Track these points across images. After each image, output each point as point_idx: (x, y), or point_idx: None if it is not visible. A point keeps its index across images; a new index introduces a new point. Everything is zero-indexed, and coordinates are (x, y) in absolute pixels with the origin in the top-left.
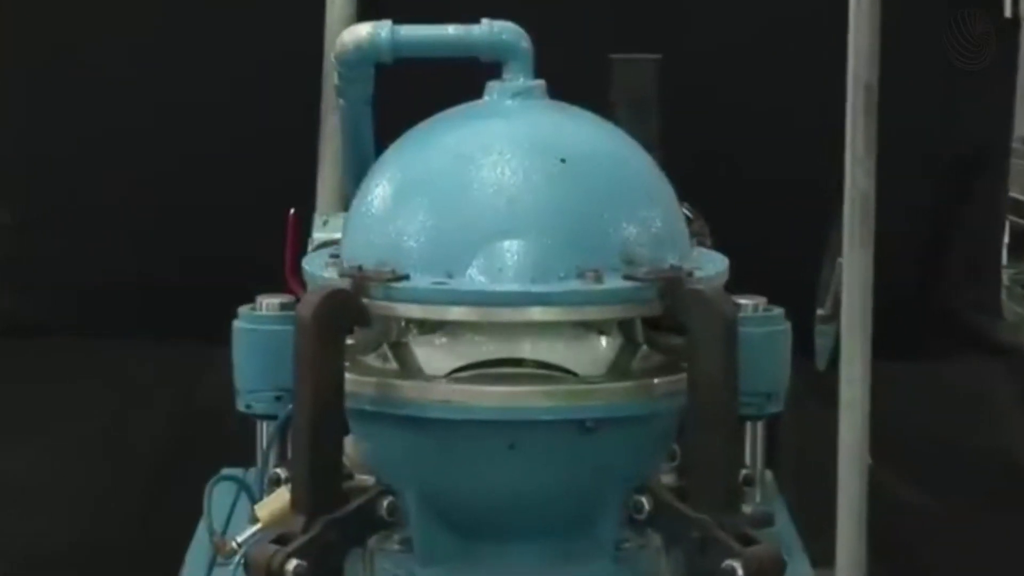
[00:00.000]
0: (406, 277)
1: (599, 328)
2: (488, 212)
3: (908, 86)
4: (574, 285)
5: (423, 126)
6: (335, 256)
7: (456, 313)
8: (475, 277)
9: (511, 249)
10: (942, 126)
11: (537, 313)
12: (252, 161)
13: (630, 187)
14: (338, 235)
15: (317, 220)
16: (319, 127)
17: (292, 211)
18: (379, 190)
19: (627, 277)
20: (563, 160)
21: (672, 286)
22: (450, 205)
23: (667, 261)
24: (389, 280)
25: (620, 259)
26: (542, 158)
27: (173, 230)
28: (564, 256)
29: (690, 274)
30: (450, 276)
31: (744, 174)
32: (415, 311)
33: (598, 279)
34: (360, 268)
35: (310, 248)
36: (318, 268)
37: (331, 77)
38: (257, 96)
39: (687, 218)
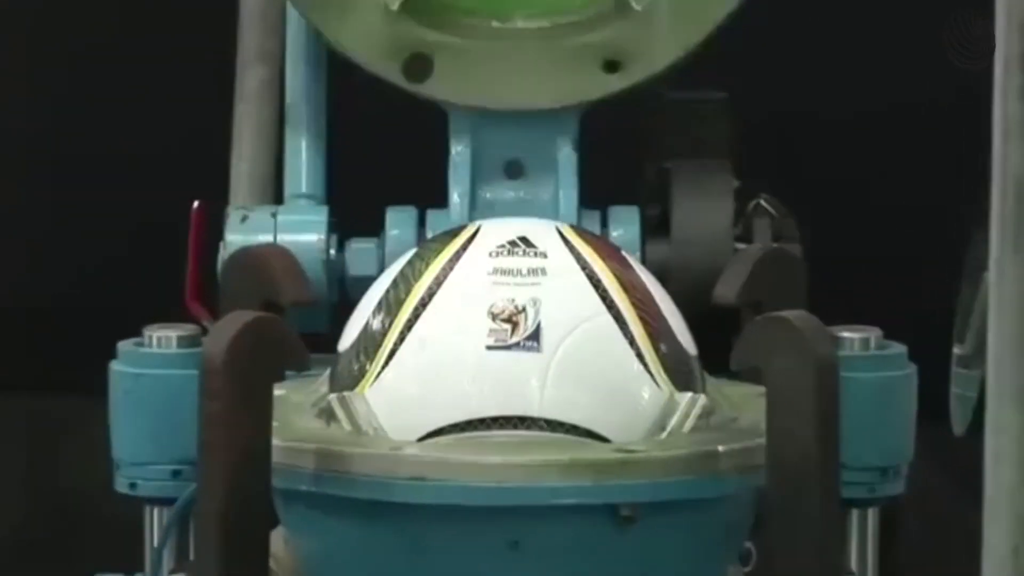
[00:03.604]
0: None
1: None
2: None
3: None
4: None
5: None
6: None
7: None
8: None
9: None
10: None
11: None
12: (140, 149)
13: None
14: (263, 237)
15: (233, 216)
16: (234, 83)
17: (196, 203)
18: None
19: None
20: None
21: None
22: None
23: None
24: None
25: None
26: None
27: (32, 241)
28: None
29: None
30: None
31: (852, 170)
32: None
33: None
34: None
35: (222, 255)
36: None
37: (248, 26)
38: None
39: (769, 215)
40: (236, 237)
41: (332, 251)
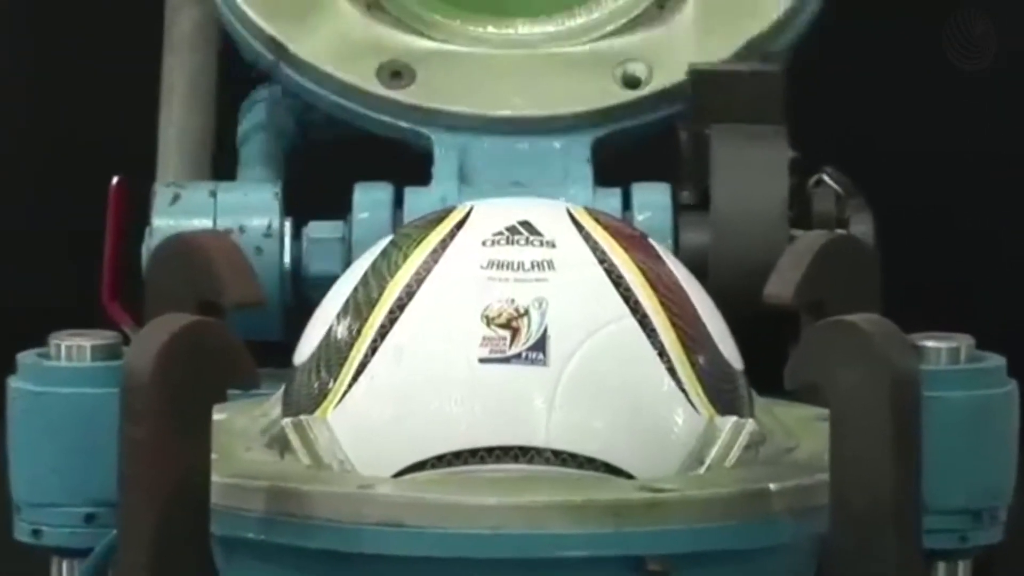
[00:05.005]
0: None
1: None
2: None
3: None
4: None
5: None
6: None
7: None
8: None
9: None
10: None
11: None
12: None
13: None
14: (199, 221)
15: (161, 194)
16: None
17: (116, 179)
18: None
19: None
20: None
21: None
22: None
23: None
24: None
25: None
26: None
27: None
28: None
29: None
30: None
31: (938, 144)
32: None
33: None
34: None
35: (148, 243)
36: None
37: None
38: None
39: (834, 194)
40: (166, 221)
41: (286, 239)
